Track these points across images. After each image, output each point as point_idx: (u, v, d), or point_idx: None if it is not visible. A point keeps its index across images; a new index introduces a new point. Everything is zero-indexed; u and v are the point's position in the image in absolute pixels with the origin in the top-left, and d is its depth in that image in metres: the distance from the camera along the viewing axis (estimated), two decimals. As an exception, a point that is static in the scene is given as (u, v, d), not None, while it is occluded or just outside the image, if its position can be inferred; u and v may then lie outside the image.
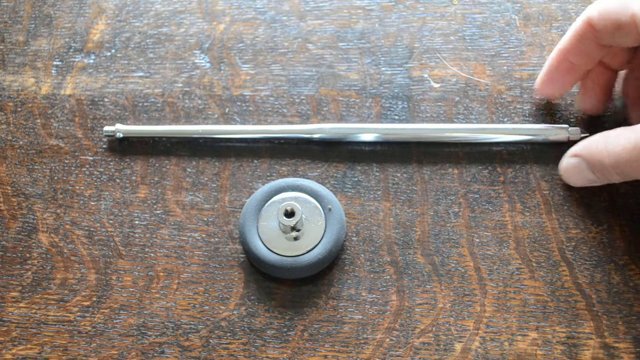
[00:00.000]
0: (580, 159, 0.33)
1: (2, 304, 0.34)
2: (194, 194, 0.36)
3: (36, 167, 0.38)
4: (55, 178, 0.38)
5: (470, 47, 0.39)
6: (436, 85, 0.38)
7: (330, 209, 0.34)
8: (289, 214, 0.34)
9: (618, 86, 0.36)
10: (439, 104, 0.38)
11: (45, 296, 0.34)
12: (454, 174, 0.36)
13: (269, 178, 0.37)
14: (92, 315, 0.34)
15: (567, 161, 0.34)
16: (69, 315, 0.34)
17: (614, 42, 0.32)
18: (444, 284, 0.33)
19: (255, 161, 0.37)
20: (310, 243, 0.34)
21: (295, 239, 0.34)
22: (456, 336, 0.32)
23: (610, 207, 0.34)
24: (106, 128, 0.38)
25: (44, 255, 0.36)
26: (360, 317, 0.33)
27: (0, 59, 0.42)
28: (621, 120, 0.36)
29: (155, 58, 0.41)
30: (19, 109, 0.40)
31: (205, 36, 0.41)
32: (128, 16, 0.42)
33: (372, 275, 0.34)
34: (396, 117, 0.38)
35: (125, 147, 0.38)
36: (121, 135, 0.38)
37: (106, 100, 0.40)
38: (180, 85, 0.40)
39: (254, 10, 0.42)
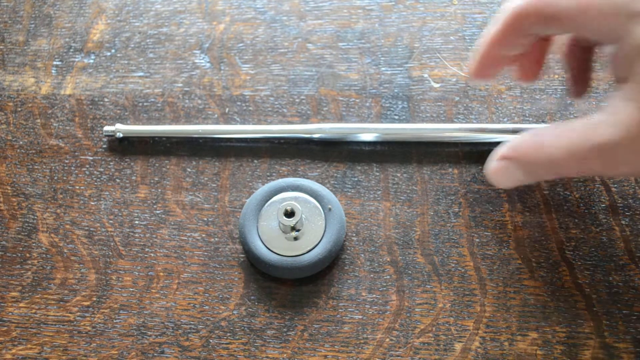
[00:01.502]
0: (510, 162, 0.30)
1: (2, 304, 0.34)
2: (194, 194, 0.37)
3: (36, 167, 0.38)
4: (55, 178, 0.38)
5: (470, 47, 0.39)
6: (436, 85, 0.38)
7: (330, 209, 0.34)
8: (289, 214, 0.34)
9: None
10: (439, 104, 0.38)
11: (45, 296, 0.35)
12: (454, 174, 0.36)
13: (269, 178, 0.37)
14: (92, 315, 0.34)
15: (496, 164, 0.31)
16: (69, 315, 0.34)
17: (543, 33, 0.30)
18: (444, 284, 0.33)
19: (255, 161, 0.37)
20: (310, 243, 0.34)
21: (295, 239, 0.34)
22: (456, 336, 0.32)
23: (610, 207, 0.34)
24: (106, 128, 0.38)
25: (44, 255, 0.36)
26: (360, 317, 0.33)
27: (0, 59, 0.42)
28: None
29: (155, 58, 0.41)
30: (19, 109, 0.40)
31: (205, 36, 0.41)
32: (128, 16, 0.42)
33: (372, 275, 0.34)
34: (396, 117, 0.38)
35: (125, 147, 0.38)
36: (121, 135, 0.38)
37: (106, 100, 0.40)
38: (180, 85, 0.40)
39: (254, 10, 0.42)
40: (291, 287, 0.34)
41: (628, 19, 0.25)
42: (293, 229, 0.34)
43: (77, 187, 0.37)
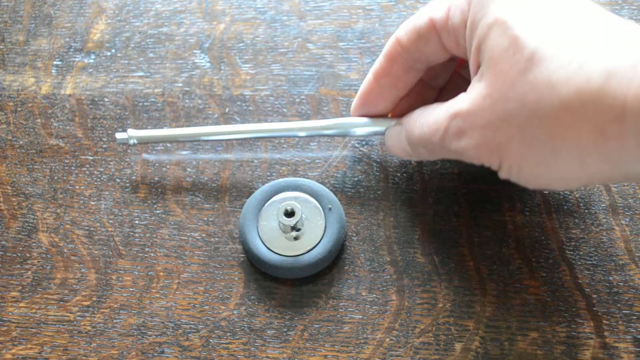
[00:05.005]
0: (401, 127, 0.33)
1: (2, 304, 0.34)
2: (194, 194, 0.37)
3: (36, 167, 0.38)
4: (55, 178, 0.38)
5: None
6: (436, 85, 0.38)
7: (330, 209, 0.34)
8: (289, 213, 0.34)
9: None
10: (439, 103, 0.38)
11: (45, 296, 0.35)
12: (454, 174, 0.36)
13: (269, 178, 0.37)
14: (92, 315, 0.34)
15: (392, 128, 0.34)
16: (69, 315, 0.34)
17: (423, 56, 0.31)
18: (444, 284, 0.33)
19: (255, 161, 0.37)
20: (310, 243, 0.34)
21: (295, 238, 0.34)
22: (456, 336, 0.32)
23: (610, 207, 0.34)
24: (118, 135, 0.36)
25: (44, 255, 0.36)
26: (360, 317, 0.33)
27: (0, 59, 0.42)
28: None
29: (155, 58, 0.41)
30: (19, 109, 0.40)
31: (205, 36, 0.41)
32: (128, 16, 0.42)
33: (372, 275, 0.34)
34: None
35: (125, 147, 0.38)
36: (136, 142, 0.36)
37: (106, 100, 0.40)
38: (180, 85, 0.40)
39: (254, 10, 0.42)
40: (291, 287, 0.34)
41: (479, 4, 0.28)
42: (293, 228, 0.34)
43: (77, 187, 0.37)
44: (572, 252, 0.34)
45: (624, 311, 0.32)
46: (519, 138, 0.26)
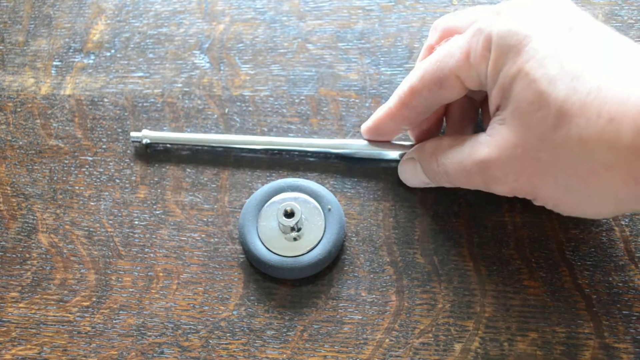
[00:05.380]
0: (415, 162, 0.34)
1: (2, 304, 0.34)
2: (194, 194, 0.36)
3: (36, 167, 0.38)
4: (55, 178, 0.38)
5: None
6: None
7: (330, 209, 0.34)
8: (289, 214, 0.34)
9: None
10: (439, 104, 0.38)
11: (45, 296, 0.34)
12: (454, 174, 0.36)
13: (268, 178, 0.37)
14: (92, 316, 0.34)
15: (405, 162, 0.35)
16: (69, 315, 0.34)
17: (441, 100, 0.32)
18: (444, 284, 0.33)
19: (255, 161, 0.37)
20: (310, 243, 0.34)
21: (295, 239, 0.34)
22: (456, 336, 0.32)
23: (610, 207, 0.34)
24: (133, 134, 0.37)
25: (44, 256, 0.35)
26: (360, 317, 0.33)
27: (0, 59, 0.42)
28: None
29: (155, 58, 0.40)
30: (19, 109, 0.40)
31: (205, 36, 0.41)
32: (128, 16, 0.42)
33: (371, 276, 0.34)
34: (396, 117, 0.38)
35: (125, 147, 0.38)
36: (149, 142, 0.37)
37: (106, 100, 0.40)
38: (179, 85, 0.40)
39: (253, 11, 0.42)
40: (291, 288, 0.34)
41: (502, 52, 0.28)
42: (293, 229, 0.33)
43: (77, 188, 0.37)
44: (571, 253, 0.34)
45: (624, 312, 0.32)
46: (554, 184, 0.27)
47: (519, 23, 0.28)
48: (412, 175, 0.34)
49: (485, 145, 0.29)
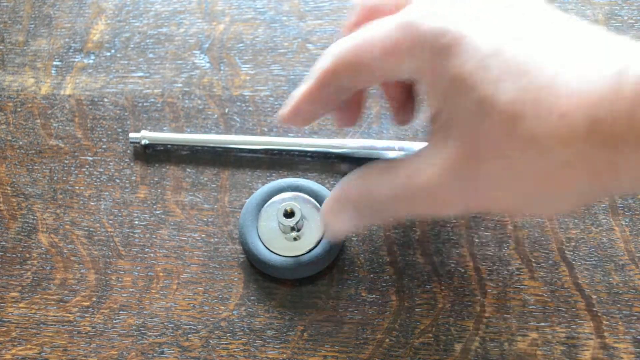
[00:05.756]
0: (340, 203, 0.29)
1: (2, 304, 0.34)
2: (194, 194, 0.36)
3: (36, 167, 0.38)
4: (55, 178, 0.38)
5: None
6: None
7: None
8: (289, 214, 0.34)
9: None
10: (439, 104, 0.38)
11: (45, 296, 0.34)
12: (454, 174, 0.36)
13: (268, 178, 0.37)
14: (92, 316, 0.34)
15: (328, 205, 0.29)
16: (69, 315, 0.34)
17: (358, 85, 0.29)
18: (444, 284, 0.33)
19: (255, 161, 0.37)
20: (310, 243, 0.34)
21: (295, 239, 0.34)
22: (456, 336, 0.32)
23: (610, 207, 0.34)
24: (132, 134, 0.37)
25: (44, 256, 0.35)
26: (360, 317, 0.33)
27: (0, 59, 0.42)
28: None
29: (155, 58, 0.40)
30: (19, 109, 0.40)
31: (205, 36, 0.41)
32: (128, 16, 0.42)
33: (372, 276, 0.34)
34: (396, 117, 0.38)
35: (125, 148, 0.38)
36: (147, 142, 0.37)
37: (106, 100, 0.40)
38: (180, 85, 0.40)
39: (253, 11, 0.42)
40: (291, 287, 0.34)
41: (434, 55, 0.24)
42: (293, 229, 0.33)
43: (77, 188, 0.37)
44: (571, 253, 0.34)
45: (624, 312, 0.32)
46: (512, 194, 0.24)
47: (455, 17, 0.24)
48: (337, 217, 0.29)
49: (429, 166, 0.25)
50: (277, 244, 0.34)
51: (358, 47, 0.27)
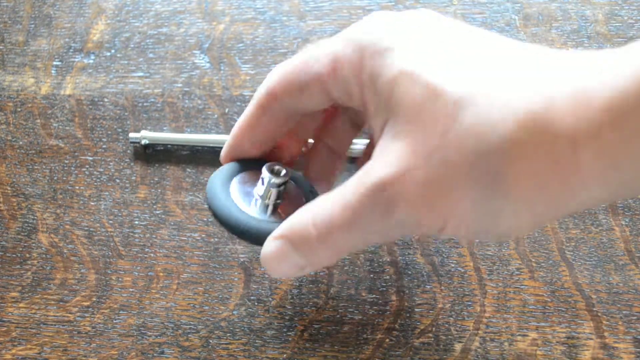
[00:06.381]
0: (283, 241, 0.26)
1: (2, 304, 0.34)
2: (194, 194, 0.36)
3: (36, 167, 0.38)
4: (55, 178, 0.38)
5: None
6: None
7: (312, 193, 0.31)
8: (276, 172, 0.29)
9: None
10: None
11: (45, 296, 0.35)
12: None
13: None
14: (92, 316, 0.34)
15: (271, 245, 0.26)
16: (69, 315, 0.34)
17: (301, 106, 0.28)
18: (444, 284, 0.33)
19: (255, 161, 0.37)
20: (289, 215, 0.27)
21: (275, 207, 0.29)
22: (456, 336, 0.32)
23: (610, 207, 0.34)
24: (131, 135, 0.37)
25: (44, 256, 0.36)
26: (360, 317, 0.33)
27: (0, 59, 0.42)
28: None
29: (155, 58, 0.41)
30: (19, 109, 0.40)
31: (205, 36, 0.41)
32: (128, 16, 0.42)
33: (372, 276, 0.34)
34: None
35: (125, 148, 0.38)
36: (147, 142, 0.37)
37: (106, 100, 0.40)
38: (180, 85, 0.40)
39: (253, 11, 0.42)
40: (291, 288, 0.34)
41: (377, 55, 0.24)
42: (278, 192, 0.29)
43: (77, 188, 0.37)
44: (571, 253, 0.34)
45: (624, 312, 0.32)
46: (465, 187, 0.23)
47: (388, 28, 0.25)
48: (281, 260, 0.26)
49: (380, 167, 0.23)
50: (253, 208, 0.29)
51: (296, 66, 0.27)
